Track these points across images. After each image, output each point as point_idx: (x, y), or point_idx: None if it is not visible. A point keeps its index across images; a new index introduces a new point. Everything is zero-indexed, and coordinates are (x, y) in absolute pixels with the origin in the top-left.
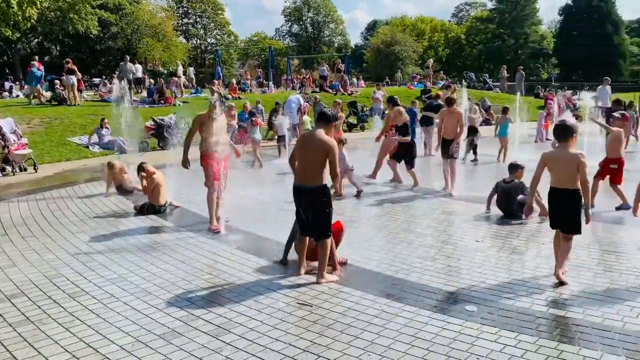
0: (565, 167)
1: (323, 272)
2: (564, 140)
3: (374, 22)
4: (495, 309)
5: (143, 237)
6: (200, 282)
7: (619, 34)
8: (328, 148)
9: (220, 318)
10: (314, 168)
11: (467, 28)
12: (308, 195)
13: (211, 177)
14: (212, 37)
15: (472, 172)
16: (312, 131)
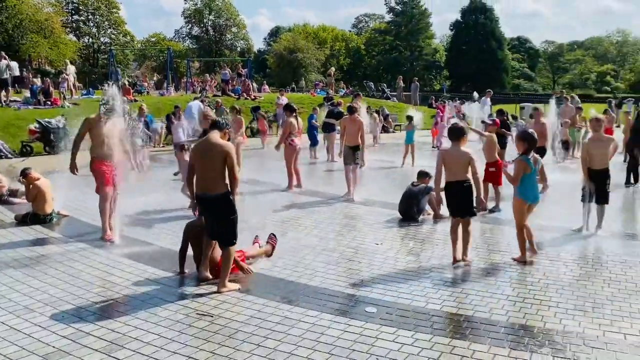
0: (458, 163)
1: (225, 281)
2: (457, 140)
3: (277, 28)
4: (393, 309)
5: (25, 250)
6: (90, 296)
7: (502, 50)
8: (225, 152)
9: (113, 334)
10: (213, 175)
11: (366, 39)
12: (210, 203)
13: (103, 184)
14: (106, 36)
15: (375, 178)
16: (207, 138)
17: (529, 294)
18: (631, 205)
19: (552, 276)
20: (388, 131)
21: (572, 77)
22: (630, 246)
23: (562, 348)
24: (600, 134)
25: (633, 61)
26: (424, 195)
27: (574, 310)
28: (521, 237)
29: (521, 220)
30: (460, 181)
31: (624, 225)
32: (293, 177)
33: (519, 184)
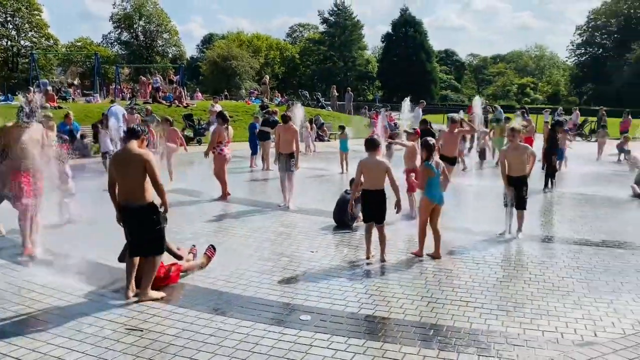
0: (375, 172)
1: (147, 289)
2: (372, 150)
3: (210, 35)
4: (327, 316)
5: None
6: (9, 314)
7: (431, 62)
8: (144, 161)
9: (33, 354)
10: (134, 185)
11: (301, 48)
12: (134, 214)
13: (21, 197)
14: (27, 39)
15: (310, 186)
16: (124, 147)
17: (456, 296)
18: (549, 209)
19: (477, 278)
20: (323, 140)
21: (495, 88)
22: (548, 248)
23: (486, 347)
24: (517, 143)
25: (549, 74)
26: (358, 203)
27: (497, 310)
28: (422, 234)
29: (425, 219)
30: (377, 190)
31: (543, 229)
32: (227, 186)
33: (424, 186)
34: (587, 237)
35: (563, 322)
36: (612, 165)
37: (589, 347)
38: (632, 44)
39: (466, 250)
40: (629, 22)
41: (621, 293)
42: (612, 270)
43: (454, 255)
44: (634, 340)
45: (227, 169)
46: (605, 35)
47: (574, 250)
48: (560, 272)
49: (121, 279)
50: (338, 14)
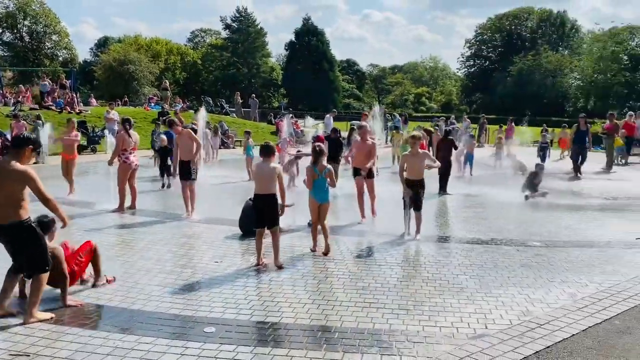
0: (266, 177)
1: (33, 310)
2: (267, 156)
3: (105, 38)
4: (233, 327)
5: None
6: None
7: (334, 71)
8: (22, 177)
9: None
10: (6, 202)
11: (203, 54)
12: (3, 233)
13: None
14: None
15: (214, 194)
16: (2, 160)
17: (360, 298)
18: (444, 211)
19: (379, 279)
20: (228, 147)
21: (393, 97)
22: (443, 248)
23: (388, 346)
24: (416, 149)
25: (442, 84)
26: None
27: (398, 309)
28: (314, 231)
29: (314, 218)
30: (268, 195)
31: (439, 229)
32: (125, 197)
33: (311, 188)
34: (478, 236)
35: (458, 317)
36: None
37: (480, 339)
38: (514, 57)
39: (369, 252)
40: (510, 37)
41: (508, 287)
42: (500, 266)
43: (358, 258)
44: (519, 330)
45: (134, 177)
46: (491, 49)
47: (467, 248)
48: (454, 270)
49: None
50: (241, 21)
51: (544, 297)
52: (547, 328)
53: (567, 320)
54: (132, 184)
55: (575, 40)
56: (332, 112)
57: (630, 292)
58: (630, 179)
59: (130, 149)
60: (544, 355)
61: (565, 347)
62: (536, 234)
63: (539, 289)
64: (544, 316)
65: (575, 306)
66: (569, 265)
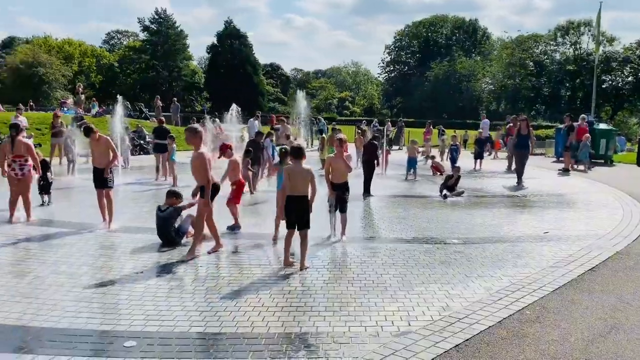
0: (300, 179)
1: None
2: (299, 158)
3: (11, 38)
4: (155, 339)
5: None
6: None
7: (258, 75)
8: None
9: None
10: None
11: (120, 56)
12: None
13: None
14: None
15: (133, 201)
16: None
17: (286, 302)
18: (369, 212)
19: (306, 282)
20: (149, 153)
21: (318, 102)
22: (368, 248)
23: (315, 349)
24: (341, 151)
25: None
26: (177, 218)
27: (324, 311)
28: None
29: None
30: (301, 196)
31: (363, 230)
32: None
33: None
34: (400, 235)
35: (382, 316)
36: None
37: (404, 336)
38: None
39: (296, 255)
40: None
41: (429, 284)
42: (421, 264)
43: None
44: (440, 325)
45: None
46: (409, 55)
47: (390, 248)
48: (378, 270)
49: None
50: (160, 22)
51: (462, 292)
52: (465, 322)
53: (483, 313)
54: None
55: (487, 47)
56: (256, 116)
57: (539, 283)
58: (539, 177)
59: (10, 157)
60: (463, 348)
61: (483, 339)
62: (454, 231)
63: (458, 284)
64: (463, 310)
65: (491, 299)
66: (485, 260)
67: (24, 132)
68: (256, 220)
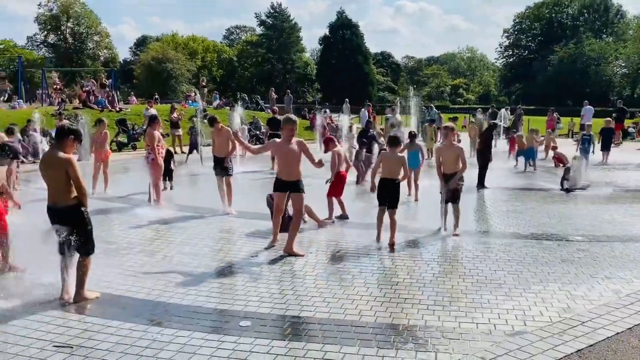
0: (393, 164)
1: (81, 290)
2: (395, 146)
3: (144, 37)
4: (267, 321)
5: None
6: None
7: (368, 64)
8: (66, 164)
9: None
10: (58, 187)
11: (238, 51)
12: (59, 214)
13: None
14: None
15: (252, 188)
16: (49, 150)
17: (394, 294)
18: (483, 205)
19: (415, 275)
20: (263, 142)
21: (430, 89)
22: (481, 243)
23: (423, 342)
24: (450, 141)
25: (480, 75)
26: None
27: (434, 305)
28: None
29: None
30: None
31: (477, 224)
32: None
33: None
34: (517, 230)
35: (495, 314)
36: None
37: (519, 336)
38: (554, 46)
39: (404, 248)
40: (551, 26)
41: (548, 283)
42: (540, 261)
43: (393, 254)
44: (560, 327)
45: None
46: (530, 38)
47: (505, 243)
48: (492, 266)
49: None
50: (275, 17)
51: (586, 293)
52: (589, 326)
53: (611, 317)
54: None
55: (620, 27)
56: (367, 106)
57: None
58: None
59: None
60: (586, 353)
61: (609, 346)
62: (578, 228)
63: (581, 285)
64: (587, 313)
65: (619, 303)
66: (613, 260)
67: (158, 123)
68: (365, 209)
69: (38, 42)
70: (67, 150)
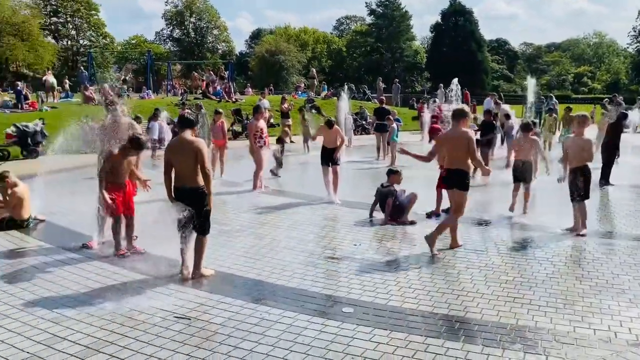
0: (527, 148)
1: (199, 267)
2: (527, 131)
3: (258, 30)
4: (370, 309)
5: (1, 255)
6: (66, 300)
7: (482, 52)
8: (196, 148)
9: (88, 338)
10: (187, 170)
11: (347, 41)
12: (186, 194)
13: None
14: (86, 38)
15: (354, 178)
16: (178, 136)
17: (503, 292)
18: (606, 204)
19: (525, 274)
20: (369, 133)
21: (549, 78)
22: (603, 244)
23: (533, 344)
24: (581, 132)
25: (609, 62)
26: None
27: (546, 307)
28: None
29: None
30: (525, 161)
31: (599, 224)
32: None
33: None
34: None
35: (617, 321)
36: None
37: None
38: None
39: (516, 245)
40: None
41: None
42: None
43: (503, 251)
44: None
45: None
46: None
47: (631, 246)
48: (615, 269)
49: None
50: (386, 5)
51: None
52: None
53: None
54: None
55: None
56: (492, 95)
57: None
58: None
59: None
60: None
61: None
62: None
63: None
64: None
65: None
66: None
67: (261, 113)
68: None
69: (164, 36)
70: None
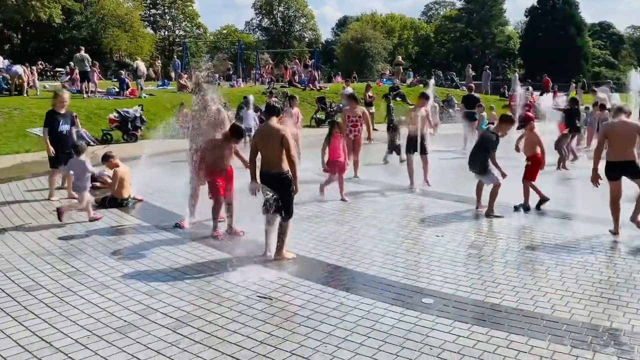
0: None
1: (282, 250)
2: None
3: (345, 18)
4: (450, 302)
5: (104, 231)
6: (160, 275)
7: (582, 36)
8: (282, 135)
9: (178, 311)
10: (273, 156)
11: (436, 27)
12: (272, 179)
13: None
14: (181, 29)
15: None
16: (265, 123)
17: (596, 292)
18: None
19: (622, 274)
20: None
21: None
22: None
23: (629, 349)
24: None
25: None
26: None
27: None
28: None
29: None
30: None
31: None
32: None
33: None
34: None
35: None
36: None
37: None
38: None
39: (614, 244)
40: None
41: None
42: None
43: (598, 249)
44: None
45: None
46: None
47: None
48: None
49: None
50: None
51: None
52: None
53: None
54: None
55: None
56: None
57: None
58: None
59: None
60: None
61: None
62: None
63: None
64: None
65: None
66: None
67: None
68: (566, 198)
69: (254, 26)
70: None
